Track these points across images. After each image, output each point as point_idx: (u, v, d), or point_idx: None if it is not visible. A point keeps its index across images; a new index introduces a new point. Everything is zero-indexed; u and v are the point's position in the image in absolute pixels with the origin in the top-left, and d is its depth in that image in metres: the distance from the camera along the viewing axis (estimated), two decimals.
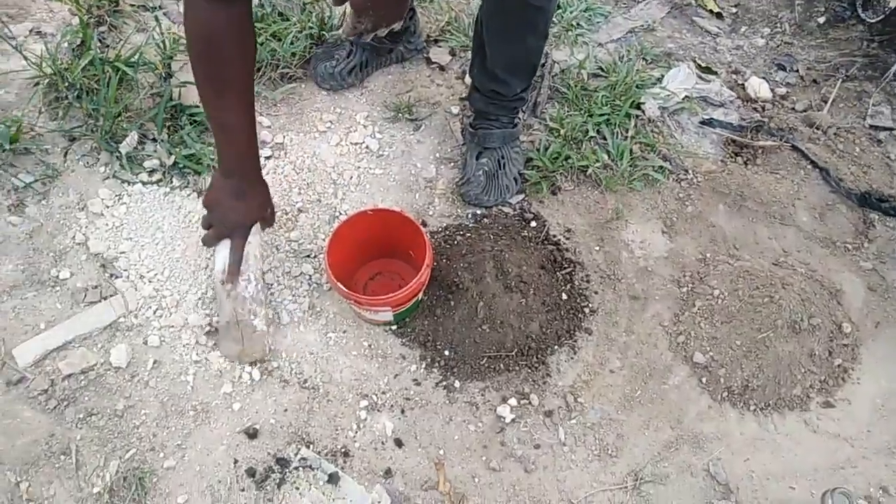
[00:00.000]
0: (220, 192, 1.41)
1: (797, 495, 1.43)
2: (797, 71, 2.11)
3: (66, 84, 1.65)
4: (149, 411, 1.41)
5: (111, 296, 1.50)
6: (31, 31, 1.78)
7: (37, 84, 1.67)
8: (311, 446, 1.41)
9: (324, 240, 1.66)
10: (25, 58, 1.63)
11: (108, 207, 1.61)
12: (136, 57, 1.69)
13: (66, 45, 1.73)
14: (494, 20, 1.55)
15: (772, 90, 2.04)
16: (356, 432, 1.44)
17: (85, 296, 1.49)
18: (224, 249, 1.44)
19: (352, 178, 1.77)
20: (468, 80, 1.97)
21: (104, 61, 1.67)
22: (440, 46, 2.05)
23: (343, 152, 1.81)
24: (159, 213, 1.62)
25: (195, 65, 1.24)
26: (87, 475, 1.32)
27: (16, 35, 1.74)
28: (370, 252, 1.62)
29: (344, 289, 1.39)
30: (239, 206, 1.41)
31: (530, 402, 1.49)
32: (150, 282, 1.53)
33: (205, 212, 1.46)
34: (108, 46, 1.80)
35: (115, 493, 1.30)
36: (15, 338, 1.43)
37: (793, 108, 2.01)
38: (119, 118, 1.68)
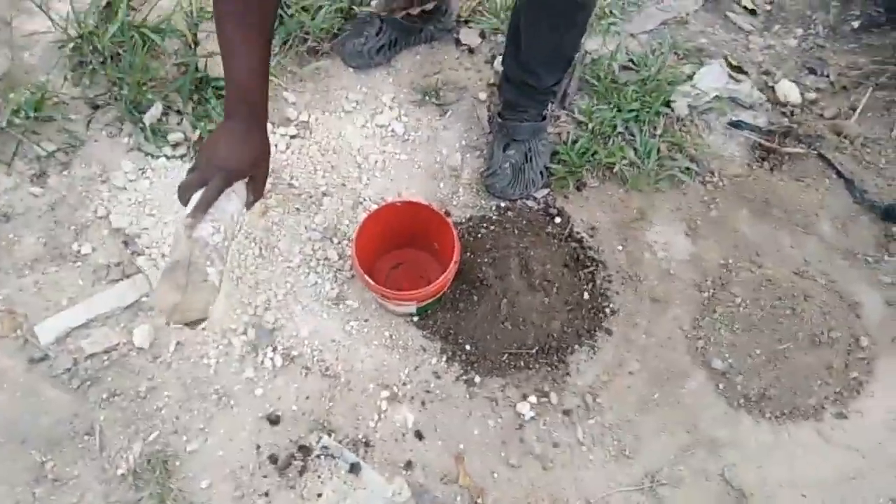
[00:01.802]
0: (216, 133, 1.28)
1: None
2: (827, 76, 2.09)
3: (92, 49, 1.60)
4: (171, 393, 1.41)
5: (133, 274, 1.48)
6: None
7: (61, 47, 1.62)
8: (333, 435, 1.42)
9: (348, 225, 1.64)
10: (51, 19, 1.58)
11: (130, 181, 1.58)
12: (165, 24, 1.63)
13: (91, 6, 1.67)
14: (534, 12, 1.51)
15: (801, 94, 2.02)
16: (377, 423, 1.45)
17: (107, 273, 1.47)
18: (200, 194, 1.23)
19: (377, 162, 1.74)
20: (497, 65, 1.94)
21: (131, 26, 1.61)
22: (470, 27, 2.00)
23: (368, 134, 1.78)
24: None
25: (222, 4, 1.17)
26: (111, 456, 1.32)
27: None
28: (394, 241, 1.60)
29: (373, 283, 1.38)
30: (231, 149, 1.25)
31: (549, 401, 1.51)
32: None
33: None
34: (133, 10, 1.74)
35: (138, 476, 1.31)
36: (36, 313, 1.42)
37: (821, 115, 1.99)
38: (144, 87, 1.64)
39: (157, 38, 1.64)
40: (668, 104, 1.89)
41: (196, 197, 1.23)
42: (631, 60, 1.98)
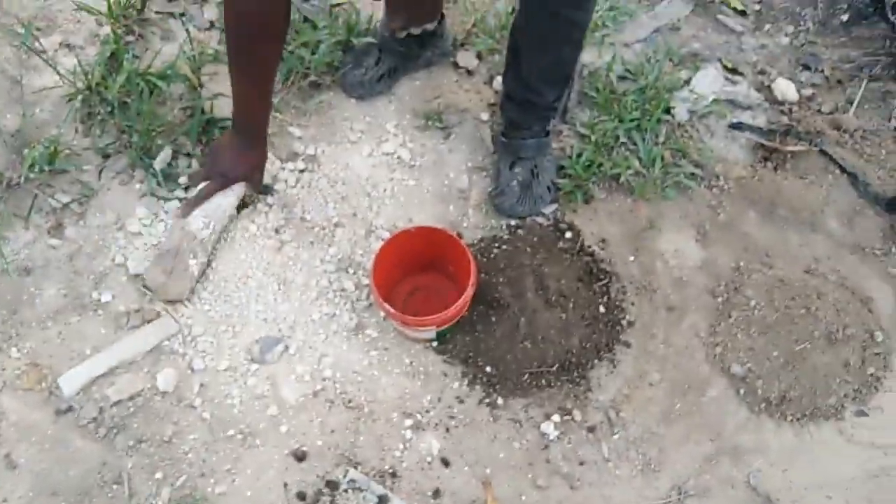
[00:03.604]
0: (223, 141, 1.58)
1: None
2: (822, 71, 2.10)
3: (100, 99, 1.63)
4: (197, 436, 1.43)
5: (153, 319, 1.50)
6: (60, 43, 1.75)
7: (70, 100, 1.64)
8: (359, 467, 1.43)
9: (362, 255, 1.66)
10: (60, 74, 1.61)
11: (145, 226, 1.60)
12: (170, 70, 1.66)
13: (96, 57, 1.70)
14: (529, 31, 1.54)
15: (798, 91, 2.03)
16: (402, 452, 1.46)
17: (128, 320, 1.50)
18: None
19: (385, 190, 1.76)
20: (497, 85, 1.96)
21: (137, 75, 1.64)
22: (467, 50, 2.02)
23: (375, 163, 1.80)
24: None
25: (231, 33, 1.34)
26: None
27: (46, 49, 1.70)
28: (409, 268, 1.62)
29: (393, 310, 1.40)
30: (231, 157, 1.55)
31: (573, 418, 1.52)
32: (191, 303, 1.54)
33: None
34: (136, 57, 1.77)
35: None
36: (61, 364, 1.44)
37: (819, 111, 2.01)
38: (152, 133, 1.66)
39: (163, 84, 1.66)
40: (668, 111, 1.90)
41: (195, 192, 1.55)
42: (627, 70, 2.00)
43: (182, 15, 1.91)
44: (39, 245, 1.55)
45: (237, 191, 1.57)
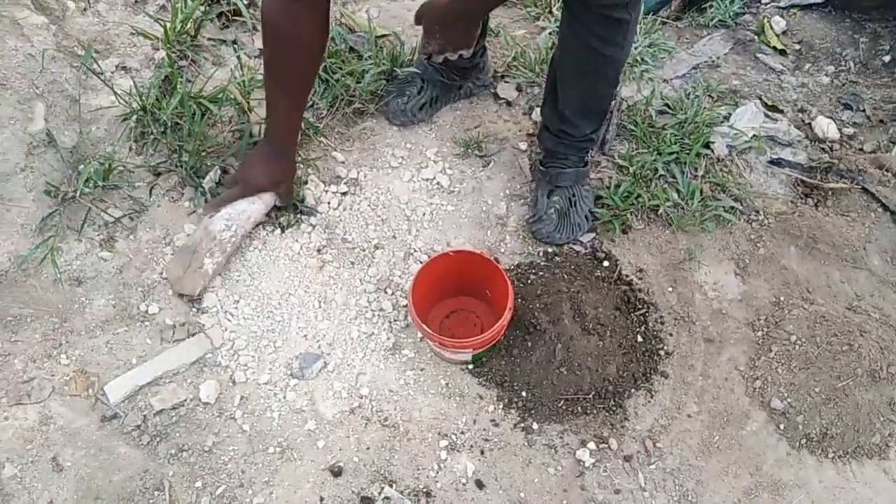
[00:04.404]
0: (255, 153, 1.65)
1: None
2: (864, 110, 2.11)
3: (153, 120, 1.70)
4: (237, 447, 1.44)
5: (198, 332, 1.53)
6: (116, 66, 1.82)
7: (125, 120, 1.71)
8: (394, 485, 1.43)
9: (400, 276, 1.68)
10: (116, 94, 1.68)
11: None
12: (221, 94, 1.72)
13: (151, 80, 1.77)
14: (567, 66, 1.59)
15: (839, 130, 2.04)
16: (437, 472, 1.46)
17: (173, 332, 1.53)
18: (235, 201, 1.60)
19: (424, 214, 1.79)
20: (535, 116, 2.00)
21: (189, 97, 1.71)
22: (507, 82, 2.07)
23: (415, 188, 1.84)
24: (243, 248, 1.65)
25: (267, 43, 1.42)
26: None
27: (103, 70, 1.78)
28: (446, 290, 1.64)
29: (431, 332, 1.41)
30: (262, 169, 1.60)
31: (609, 446, 1.50)
32: (234, 317, 1.57)
33: None
34: (189, 81, 1.84)
35: None
36: (108, 372, 1.47)
37: (861, 149, 2.01)
38: (202, 153, 1.72)
39: (214, 107, 1.73)
40: (707, 145, 1.92)
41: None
42: (666, 105, 2.02)
43: (234, 42, 1.99)
44: (91, 257, 1.60)
45: (265, 200, 1.63)
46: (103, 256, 1.59)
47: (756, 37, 2.30)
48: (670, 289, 1.71)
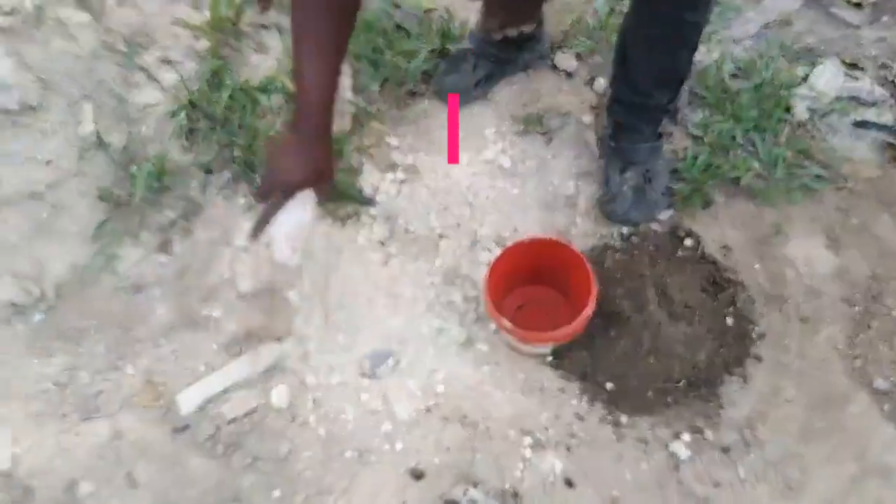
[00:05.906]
0: (281, 146, 1.31)
1: None
2: None
3: (202, 114, 1.63)
4: (312, 453, 1.38)
5: (265, 337, 1.47)
6: (159, 59, 1.75)
7: (173, 116, 1.65)
8: (479, 487, 1.36)
9: (468, 266, 1.60)
10: (164, 89, 1.61)
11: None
12: (271, 84, 1.64)
13: (197, 72, 1.70)
14: (644, 33, 1.46)
15: None
16: (523, 472, 1.39)
17: (239, 340, 1.47)
18: (282, 213, 1.30)
19: (487, 198, 1.70)
20: (598, 86, 1.88)
21: (238, 88, 1.63)
22: (564, 52, 1.95)
23: (476, 171, 1.74)
24: (306, 244, 1.58)
25: (297, 18, 1.21)
26: None
27: (147, 65, 1.71)
28: (517, 279, 1.55)
29: (511, 326, 1.34)
30: (295, 162, 1.29)
31: (705, 437, 1.41)
32: (304, 318, 1.50)
33: None
34: (233, 70, 1.76)
35: None
36: (176, 381, 1.42)
37: None
38: (253, 146, 1.65)
39: (264, 97, 1.65)
40: (787, 109, 1.79)
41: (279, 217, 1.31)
42: (738, 67, 1.89)
43: (275, 25, 1.90)
44: (149, 262, 1.54)
45: (310, 201, 1.35)
46: (161, 261, 1.54)
47: None
48: (758, 266, 1.60)
